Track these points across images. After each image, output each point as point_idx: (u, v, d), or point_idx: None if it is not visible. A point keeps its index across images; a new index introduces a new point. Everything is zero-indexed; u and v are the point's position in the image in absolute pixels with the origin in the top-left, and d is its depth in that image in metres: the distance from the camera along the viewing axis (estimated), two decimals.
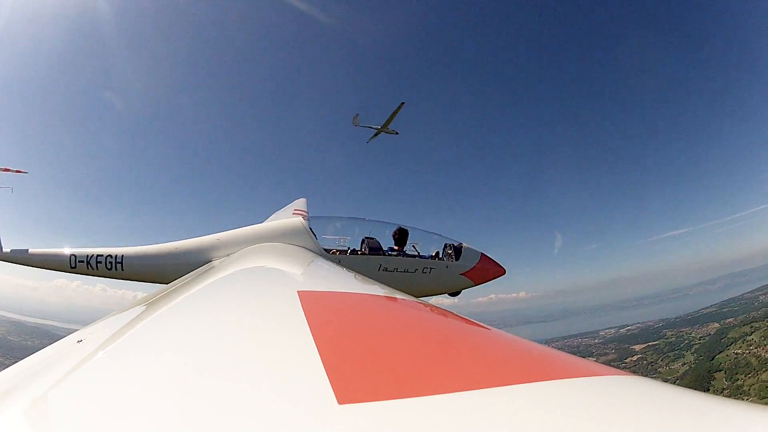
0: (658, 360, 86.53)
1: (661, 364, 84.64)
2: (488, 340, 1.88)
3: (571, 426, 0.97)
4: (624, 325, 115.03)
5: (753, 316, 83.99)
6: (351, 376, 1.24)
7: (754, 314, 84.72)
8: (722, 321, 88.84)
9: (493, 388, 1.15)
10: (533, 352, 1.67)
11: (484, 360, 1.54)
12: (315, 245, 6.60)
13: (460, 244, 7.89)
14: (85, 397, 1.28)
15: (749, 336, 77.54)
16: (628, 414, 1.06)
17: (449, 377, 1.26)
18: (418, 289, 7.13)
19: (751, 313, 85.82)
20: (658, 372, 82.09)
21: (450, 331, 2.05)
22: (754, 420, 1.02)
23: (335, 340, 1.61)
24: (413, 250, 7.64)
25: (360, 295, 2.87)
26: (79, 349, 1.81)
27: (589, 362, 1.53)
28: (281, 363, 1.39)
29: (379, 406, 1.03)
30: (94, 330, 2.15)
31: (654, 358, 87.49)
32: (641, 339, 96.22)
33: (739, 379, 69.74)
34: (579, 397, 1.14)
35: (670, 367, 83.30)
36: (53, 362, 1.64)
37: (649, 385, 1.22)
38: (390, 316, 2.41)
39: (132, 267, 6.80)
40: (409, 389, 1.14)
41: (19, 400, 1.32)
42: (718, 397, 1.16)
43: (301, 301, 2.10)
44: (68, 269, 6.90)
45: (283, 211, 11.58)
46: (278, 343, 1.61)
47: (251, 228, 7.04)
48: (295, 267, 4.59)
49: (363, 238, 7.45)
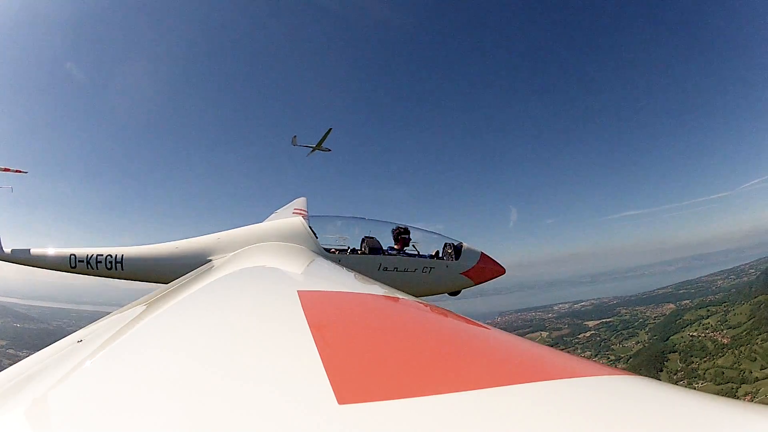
0: (611, 337, 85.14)
1: (615, 342, 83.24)
2: (488, 340, 1.88)
3: (571, 426, 0.97)
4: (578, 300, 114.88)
5: (710, 300, 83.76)
6: (351, 376, 1.23)
7: (711, 298, 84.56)
8: (678, 302, 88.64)
9: (493, 388, 1.15)
10: (533, 352, 1.67)
11: (484, 360, 1.54)
12: (315, 245, 6.50)
13: (460, 243, 7.70)
14: (85, 397, 1.28)
15: (705, 319, 76.55)
16: (628, 414, 1.05)
17: (449, 377, 1.26)
18: (418, 289, 6.96)
19: (708, 297, 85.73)
20: (612, 349, 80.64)
21: (450, 331, 2.03)
22: (754, 420, 1.01)
23: (335, 340, 1.64)
24: (413, 249, 7.50)
25: (360, 295, 2.88)
26: (79, 349, 1.79)
27: (589, 362, 1.54)
28: (281, 363, 1.40)
29: (379, 406, 1.03)
30: (94, 330, 2.12)
31: (607, 335, 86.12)
32: (595, 315, 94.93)
33: (693, 362, 68.29)
34: (579, 397, 1.14)
35: (623, 344, 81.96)
36: (53, 362, 1.63)
37: (649, 385, 1.22)
38: (390, 316, 2.40)
39: (132, 267, 6.77)
40: (409, 389, 1.14)
41: (19, 400, 1.31)
42: (718, 397, 1.16)
43: (301, 301, 2.12)
44: (68, 269, 6.90)
45: (283, 211, 12.27)
46: (278, 343, 1.62)
47: (251, 227, 7.02)
48: (295, 266, 4.56)
49: (363, 238, 7.29)
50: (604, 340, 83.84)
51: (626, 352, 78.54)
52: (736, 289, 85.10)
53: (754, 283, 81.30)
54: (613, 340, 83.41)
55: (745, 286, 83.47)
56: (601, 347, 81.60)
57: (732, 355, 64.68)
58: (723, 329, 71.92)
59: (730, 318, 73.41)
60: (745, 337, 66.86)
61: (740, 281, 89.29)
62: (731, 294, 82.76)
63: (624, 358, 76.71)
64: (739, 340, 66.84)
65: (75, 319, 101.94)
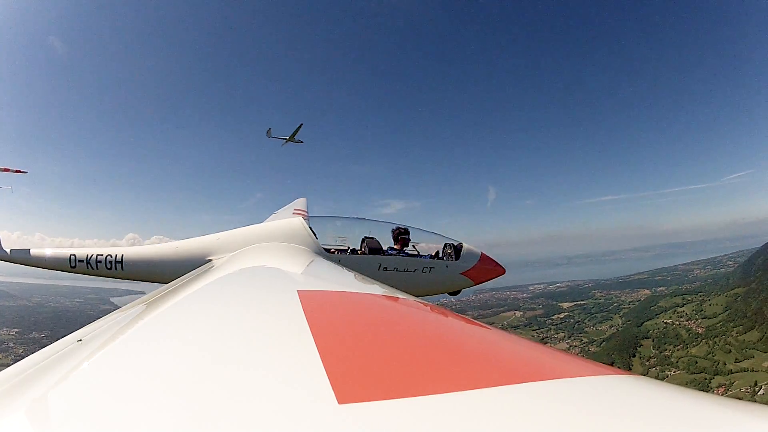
0: (585, 320, 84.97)
1: (588, 324, 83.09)
2: (488, 339, 1.89)
3: (571, 426, 0.97)
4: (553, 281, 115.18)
5: (686, 288, 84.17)
6: (351, 376, 1.24)
7: (687, 287, 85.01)
8: (654, 289, 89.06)
9: (493, 388, 1.15)
10: (533, 352, 1.69)
11: (484, 360, 1.56)
12: (315, 245, 6.46)
13: (459, 243, 7.64)
14: (85, 396, 1.29)
15: (680, 307, 76.65)
16: (628, 414, 1.06)
17: (449, 377, 1.27)
18: (418, 289, 6.90)
19: (684, 285, 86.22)
20: (585, 332, 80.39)
21: (450, 331, 2.05)
22: (754, 420, 1.02)
23: (335, 339, 1.65)
24: (413, 249, 7.46)
25: (360, 295, 2.89)
26: (79, 349, 1.79)
27: (589, 362, 1.54)
28: (281, 363, 1.41)
29: (379, 406, 1.04)
30: (95, 329, 2.11)
31: (581, 318, 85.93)
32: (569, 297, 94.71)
33: (667, 350, 68.23)
34: (579, 397, 1.14)
35: (597, 327, 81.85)
36: (53, 362, 1.62)
37: (649, 385, 1.23)
38: (390, 315, 2.42)
39: (132, 267, 6.71)
40: (409, 389, 1.15)
41: (19, 400, 1.31)
42: (719, 397, 1.16)
43: (301, 301, 2.13)
44: (68, 269, 6.85)
45: (283, 211, 12.69)
46: (278, 343, 1.64)
47: (251, 228, 7.00)
48: (295, 266, 4.56)
49: (363, 238, 7.24)
50: (577, 323, 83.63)
51: (599, 336, 78.42)
52: (713, 279, 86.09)
53: (732, 275, 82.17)
54: (587, 323, 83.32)
55: (723, 277, 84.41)
56: (574, 329, 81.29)
57: (706, 345, 64.76)
58: (698, 319, 72.16)
59: (706, 308, 73.70)
60: (720, 328, 67.02)
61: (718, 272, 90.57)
62: (708, 284, 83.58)
63: (597, 342, 76.53)
64: (714, 331, 67.00)
65: (54, 295, 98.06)
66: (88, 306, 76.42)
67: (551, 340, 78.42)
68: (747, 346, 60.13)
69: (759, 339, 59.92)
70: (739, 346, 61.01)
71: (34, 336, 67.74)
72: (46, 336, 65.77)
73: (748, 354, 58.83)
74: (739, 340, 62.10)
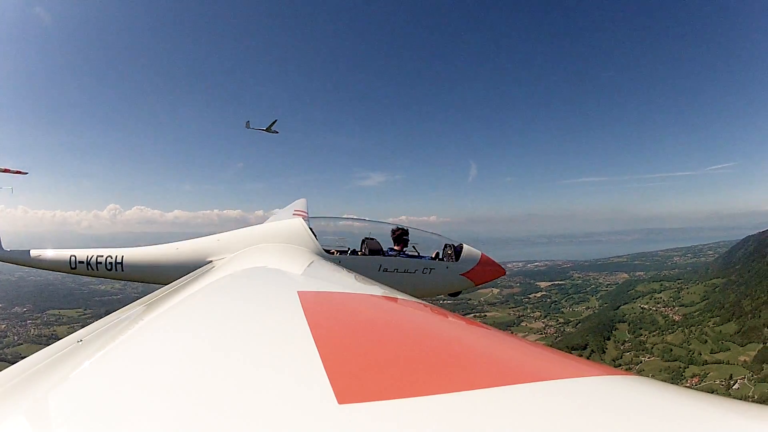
0: (562, 300, 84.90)
1: (565, 305, 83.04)
2: (488, 340, 1.90)
3: (570, 426, 0.98)
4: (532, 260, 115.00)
5: (664, 274, 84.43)
6: (351, 376, 1.25)
7: (666, 273, 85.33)
8: (632, 273, 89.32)
9: (492, 388, 1.16)
10: (533, 353, 1.72)
11: (484, 360, 1.57)
12: (315, 246, 6.42)
13: (460, 244, 7.56)
14: (85, 397, 1.31)
15: (658, 293, 76.83)
16: (628, 414, 1.07)
17: (449, 377, 1.28)
18: (418, 290, 6.77)
19: (663, 272, 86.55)
20: (561, 312, 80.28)
21: (450, 331, 2.06)
22: (754, 420, 1.03)
23: (335, 340, 1.66)
24: (413, 250, 7.37)
25: (360, 296, 2.89)
26: (80, 349, 1.81)
27: (589, 362, 1.58)
28: (281, 363, 1.42)
29: (379, 406, 1.05)
30: (95, 330, 2.12)
31: (558, 298, 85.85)
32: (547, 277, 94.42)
33: (642, 335, 68.42)
34: (579, 397, 1.15)
35: (573, 308, 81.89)
36: (53, 362, 1.64)
37: (649, 385, 1.24)
38: (390, 316, 2.43)
39: (132, 267, 6.69)
40: (409, 389, 1.16)
41: (19, 400, 1.33)
42: (719, 396, 1.17)
43: (301, 302, 2.14)
44: (68, 270, 6.82)
45: (283, 212, 12.79)
46: (278, 344, 1.66)
47: (251, 228, 7.00)
48: (295, 267, 4.51)
49: (363, 239, 7.16)
50: (554, 303, 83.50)
51: (575, 317, 78.42)
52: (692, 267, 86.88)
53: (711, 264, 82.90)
54: (564, 303, 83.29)
55: (702, 266, 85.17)
56: (550, 309, 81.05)
57: (682, 334, 65.08)
58: (675, 306, 72.52)
59: (684, 296, 74.07)
60: (697, 317, 67.37)
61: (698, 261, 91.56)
62: (687, 272, 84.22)
63: (573, 323, 76.49)
64: (691, 320, 67.36)
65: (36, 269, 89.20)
66: (69, 278, 71.67)
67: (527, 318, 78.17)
68: (723, 338, 60.58)
69: (736, 332, 60.35)
70: (715, 337, 61.43)
71: (17, 311, 66.44)
72: (28, 310, 66.03)
73: (725, 346, 59.26)
74: (716, 331, 62.52)
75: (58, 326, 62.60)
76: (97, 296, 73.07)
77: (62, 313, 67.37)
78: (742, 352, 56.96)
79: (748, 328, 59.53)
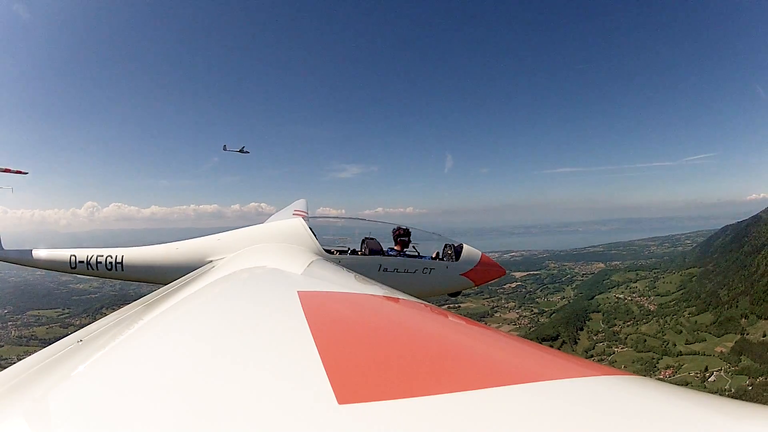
0: (537, 290, 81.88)
1: (540, 295, 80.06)
2: (488, 340, 1.92)
3: (571, 426, 0.99)
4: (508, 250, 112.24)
5: (641, 264, 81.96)
6: (351, 376, 1.27)
7: (642, 263, 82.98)
8: (608, 262, 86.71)
9: (492, 388, 1.17)
10: (533, 353, 1.72)
11: (484, 360, 1.58)
12: (315, 246, 6.40)
13: (460, 244, 7.55)
14: (85, 397, 1.32)
15: (633, 283, 74.19)
16: (628, 414, 1.07)
17: (449, 377, 1.29)
18: (418, 290, 6.65)
19: (639, 261, 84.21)
20: (536, 302, 77.23)
21: (450, 332, 2.07)
22: (754, 420, 1.03)
23: (335, 340, 1.68)
24: (413, 250, 7.37)
25: (360, 296, 2.90)
26: (80, 349, 1.82)
27: (588, 362, 1.58)
28: (281, 363, 1.44)
29: (379, 406, 1.05)
30: (95, 330, 2.13)
31: (533, 288, 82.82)
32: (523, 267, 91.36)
33: (616, 325, 65.55)
34: (578, 398, 1.15)
35: (548, 298, 78.89)
36: (53, 362, 1.65)
37: (649, 385, 1.25)
38: (390, 316, 2.44)
39: (132, 267, 6.66)
40: (409, 389, 1.17)
41: (19, 400, 1.34)
42: (719, 396, 1.18)
43: (301, 302, 2.16)
44: (68, 270, 6.83)
45: (283, 212, 13.07)
46: (278, 344, 1.67)
47: (251, 228, 7.01)
48: (295, 267, 4.50)
49: (363, 239, 7.15)
50: (529, 293, 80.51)
51: (550, 307, 75.43)
52: (669, 257, 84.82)
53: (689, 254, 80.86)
54: (539, 293, 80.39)
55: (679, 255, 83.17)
56: (525, 299, 77.94)
57: (657, 324, 62.42)
58: (650, 295, 70.01)
59: (659, 285, 71.62)
60: (672, 307, 64.82)
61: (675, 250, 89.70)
62: (663, 261, 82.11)
63: (547, 313, 73.39)
64: (666, 309, 64.77)
65: (15, 269, 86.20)
66: (48, 278, 68.54)
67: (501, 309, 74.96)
68: (699, 329, 58.09)
69: (712, 322, 57.88)
70: (690, 328, 58.86)
71: None
72: (9, 312, 63.82)
73: (700, 337, 56.73)
74: (691, 321, 59.99)
75: (38, 327, 60.00)
76: (75, 295, 69.78)
77: (42, 313, 64.45)
78: (719, 343, 54.50)
79: (724, 318, 57.12)
